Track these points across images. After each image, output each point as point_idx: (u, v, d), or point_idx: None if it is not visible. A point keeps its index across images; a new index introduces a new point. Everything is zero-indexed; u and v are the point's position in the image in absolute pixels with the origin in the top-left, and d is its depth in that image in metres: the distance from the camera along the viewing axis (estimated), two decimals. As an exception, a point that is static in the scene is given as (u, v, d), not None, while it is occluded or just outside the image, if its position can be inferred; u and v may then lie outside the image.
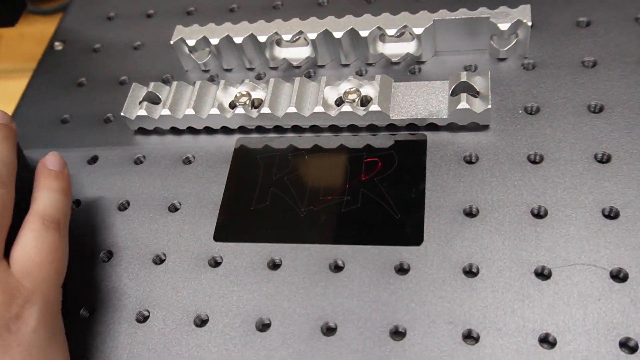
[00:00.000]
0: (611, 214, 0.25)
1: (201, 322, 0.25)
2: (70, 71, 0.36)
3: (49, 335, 0.22)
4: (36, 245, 0.23)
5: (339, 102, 0.29)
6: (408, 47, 0.31)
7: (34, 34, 0.49)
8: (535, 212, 0.25)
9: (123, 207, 0.29)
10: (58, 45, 0.37)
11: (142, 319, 0.26)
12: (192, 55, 0.33)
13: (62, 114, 0.34)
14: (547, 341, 0.22)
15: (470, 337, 0.23)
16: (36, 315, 0.22)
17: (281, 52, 0.32)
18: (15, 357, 0.21)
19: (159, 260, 0.27)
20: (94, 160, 0.32)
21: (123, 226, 0.29)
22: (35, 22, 0.50)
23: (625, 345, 0.22)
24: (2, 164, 0.24)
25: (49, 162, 0.26)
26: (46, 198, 0.25)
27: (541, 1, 0.31)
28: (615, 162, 0.26)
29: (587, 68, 0.29)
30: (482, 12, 0.29)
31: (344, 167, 0.28)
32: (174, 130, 0.32)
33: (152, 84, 0.31)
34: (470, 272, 0.24)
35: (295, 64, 0.32)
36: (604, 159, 0.26)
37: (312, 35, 0.31)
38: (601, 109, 0.27)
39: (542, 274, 0.24)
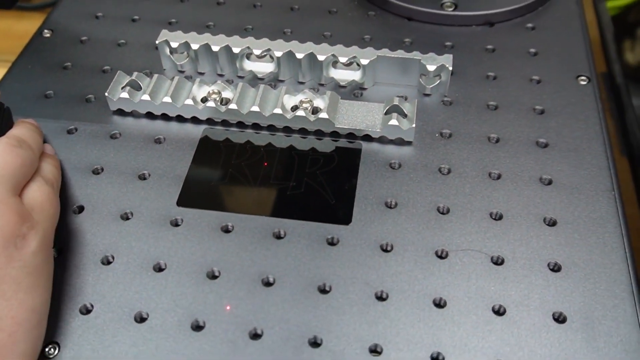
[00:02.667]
0: (496, 217, 0.32)
1: (159, 269, 0.30)
2: (57, 56, 0.40)
3: (44, 262, 0.27)
4: (39, 191, 0.28)
5: (294, 108, 0.35)
6: (354, 75, 0.38)
7: (19, 30, 0.53)
8: (440, 209, 0.32)
9: (97, 171, 0.34)
10: (47, 33, 0.42)
11: (107, 262, 0.30)
12: (172, 56, 0.39)
13: (46, 90, 0.38)
14: (440, 305, 0.29)
15: (381, 297, 0.29)
16: (37, 241, 0.26)
17: (249, 65, 0.39)
18: (15, 269, 0.25)
19: (125, 217, 0.32)
20: (73, 130, 0.36)
21: (95, 187, 0.33)
22: (22, 19, 0.53)
23: (497, 312, 0.28)
24: (34, 143, 0.31)
25: (46, 149, 0.33)
26: (45, 167, 0.31)
27: (462, 57, 0.39)
28: (503, 180, 0.33)
29: (490, 110, 0.37)
30: (415, 54, 0.37)
31: (292, 161, 0.34)
32: (149, 116, 0.36)
33: (135, 73, 0.36)
34: (385, 249, 0.30)
35: (260, 76, 0.38)
36: (496, 177, 0.33)
37: (278, 53, 0.37)
38: (498, 140, 0.35)
39: (441, 256, 0.30)
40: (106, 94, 0.36)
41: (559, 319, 0.28)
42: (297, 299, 0.29)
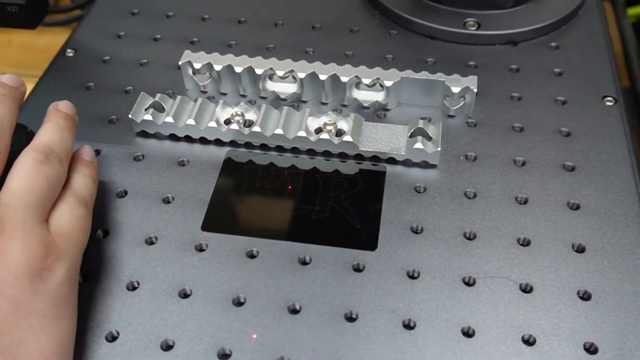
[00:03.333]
0: (524, 243, 0.31)
1: (185, 296, 0.30)
2: (80, 75, 0.41)
3: (70, 291, 0.26)
4: (69, 215, 0.27)
5: (318, 131, 0.35)
6: (378, 96, 0.38)
7: (40, 45, 0.53)
8: (467, 235, 0.32)
9: (121, 194, 0.34)
10: (70, 52, 0.42)
11: (132, 288, 0.30)
12: (194, 77, 0.39)
13: (69, 111, 0.38)
14: (468, 334, 0.28)
15: (408, 325, 0.29)
16: (63, 272, 0.26)
17: (272, 86, 0.38)
18: (41, 301, 0.25)
19: (150, 242, 0.32)
20: (96, 153, 0.36)
21: (120, 210, 0.33)
22: (42, 33, 0.54)
23: (527, 341, 0.28)
24: (63, 151, 0.28)
25: (83, 153, 0.31)
26: (79, 180, 0.29)
27: (486, 77, 0.39)
28: (530, 204, 0.33)
29: (515, 132, 0.36)
30: (439, 76, 0.36)
31: (316, 184, 0.34)
32: (172, 137, 0.36)
33: (158, 95, 0.36)
34: (412, 276, 0.30)
35: (282, 96, 0.38)
36: (522, 201, 0.33)
37: (301, 75, 0.37)
38: (524, 163, 0.35)
39: (468, 283, 0.30)
40: (130, 116, 0.36)
41: (591, 349, 0.27)
42: (323, 327, 0.28)
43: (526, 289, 0.30)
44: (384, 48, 0.42)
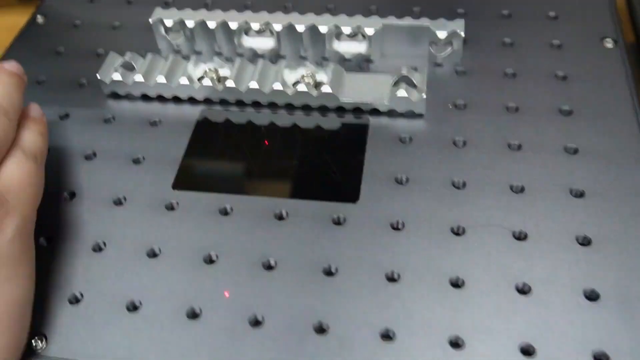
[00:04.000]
0: (517, 190, 0.29)
1: (153, 255, 0.28)
2: (50, 42, 0.39)
3: (22, 249, 0.24)
4: (17, 169, 0.25)
5: (296, 84, 0.33)
6: (359, 47, 0.35)
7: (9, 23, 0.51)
8: (456, 184, 0.29)
9: (90, 157, 0.32)
10: (40, 19, 0.40)
11: (98, 249, 0.28)
12: (167, 35, 0.37)
13: (38, 76, 0.37)
14: (457, 285, 0.26)
15: (392, 278, 0.26)
16: (14, 228, 0.24)
17: (248, 41, 0.36)
18: None
19: (119, 202, 0.30)
20: (65, 117, 0.34)
21: (87, 172, 0.31)
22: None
23: (522, 290, 0.26)
24: (10, 106, 0.27)
25: (31, 111, 0.29)
26: (27, 136, 0.28)
27: (475, 23, 0.37)
28: (524, 151, 0.30)
29: (508, 78, 0.34)
30: (424, 21, 0.34)
31: (295, 140, 0.32)
32: (144, 98, 0.35)
33: (128, 53, 0.34)
34: (396, 228, 0.28)
35: (260, 52, 0.36)
36: (516, 147, 0.31)
37: (277, 27, 0.35)
38: (517, 109, 0.32)
39: (457, 232, 0.28)
40: (97, 76, 0.34)
41: (592, 296, 0.25)
42: (300, 282, 0.26)
43: (520, 236, 0.27)
44: None
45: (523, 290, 0.25)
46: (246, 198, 0.30)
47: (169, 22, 0.36)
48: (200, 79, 0.34)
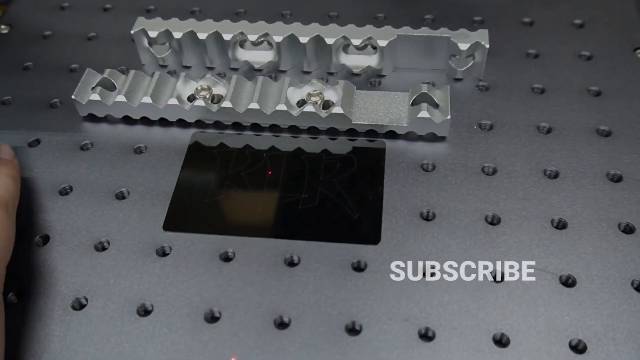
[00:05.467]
0: (559, 225, 0.26)
1: (145, 312, 0.24)
2: (16, 55, 0.34)
3: None
4: None
5: (301, 103, 0.29)
6: (370, 60, 0.32)
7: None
8: (489, 219, 0.26)
9: (65, 191, 0.28)
10: (4, 29, 0.36)
11: (79, 306, 0.24)
12: (151, 48, 0.32)
13: (3, 96, 0.32)
14: (501, 342, 0.23)
15: (426, 335, 0.23)
16: None
17: (244, 54, 0.32)
18: None
19: (101, 247, 0.26)
20: (36, 142, 0.30)
21: (63, 211, 0.27)
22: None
23: (575, 347, 0.22)
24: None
25: (1, 152, 0.26)
26: None
27: (494, 32, 0.33)
28: (563, 178, 0.27)
29: (536, 94, 0.31)
30: (444, 32, 0.30)
31: (302, 167, 0.28)
32: (127, 120, 0.30)
33: (107, 71, 0.30)
34: (426, 274, 0.24)
35: (257, 66, 0.32)
36: (552, 175, 0.27)
37: (277, 38, 0.31)
38: (549, 130, 0.29)
39: (495, 278, 0.24)
40: (73, 97, 0.29)
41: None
42: (320, 342, 0.23)
43: (567, 282, 0.24)
44: (373, 6, 0.36)
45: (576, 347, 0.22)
46: (250, 240, 0.26)
47: (153, 33, 0.31)
48: (191, 99, 0.30)
